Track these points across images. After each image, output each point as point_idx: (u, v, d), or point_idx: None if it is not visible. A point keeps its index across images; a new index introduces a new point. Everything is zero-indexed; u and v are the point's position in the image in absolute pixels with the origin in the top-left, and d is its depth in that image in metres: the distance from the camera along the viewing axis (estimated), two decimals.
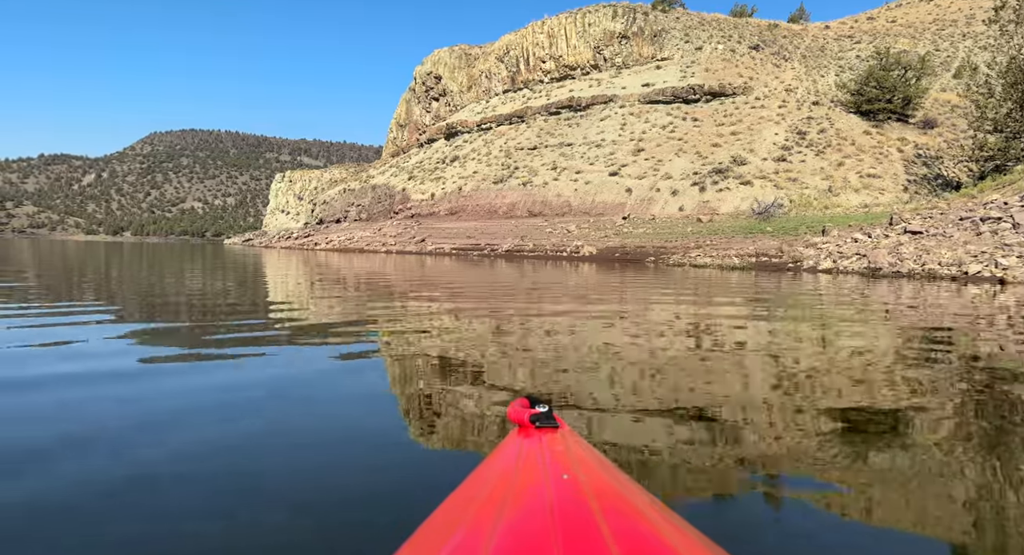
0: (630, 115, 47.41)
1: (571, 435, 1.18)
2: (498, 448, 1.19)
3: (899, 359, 4.21)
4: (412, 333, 5.09)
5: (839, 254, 17.87)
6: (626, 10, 56.32)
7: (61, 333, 4.73)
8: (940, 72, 46.62)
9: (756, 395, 3.11)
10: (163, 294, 8.48)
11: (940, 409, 2.86)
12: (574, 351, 4.31)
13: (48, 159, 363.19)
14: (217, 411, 2.67)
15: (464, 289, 10.34)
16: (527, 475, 0.94)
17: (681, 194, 36.18)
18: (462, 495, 1.01)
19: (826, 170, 34.64)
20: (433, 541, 0.84)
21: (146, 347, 4.24)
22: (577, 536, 0.69)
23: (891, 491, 1.89)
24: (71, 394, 2.89)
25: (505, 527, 0.76)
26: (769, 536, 1.61)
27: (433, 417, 2.63)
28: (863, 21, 61.16)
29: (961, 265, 13.45)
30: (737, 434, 2.42)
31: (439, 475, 1.93)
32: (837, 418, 2.65)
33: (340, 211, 64.61)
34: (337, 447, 2.22)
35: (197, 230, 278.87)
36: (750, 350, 4.49)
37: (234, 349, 4.22)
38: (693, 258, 22.27)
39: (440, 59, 73.00)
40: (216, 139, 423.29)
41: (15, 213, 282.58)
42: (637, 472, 1.99)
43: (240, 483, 1.87)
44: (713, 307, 7.78)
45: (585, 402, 2.87)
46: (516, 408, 1.27)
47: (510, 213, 43.02)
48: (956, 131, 36.16)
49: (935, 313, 7.12)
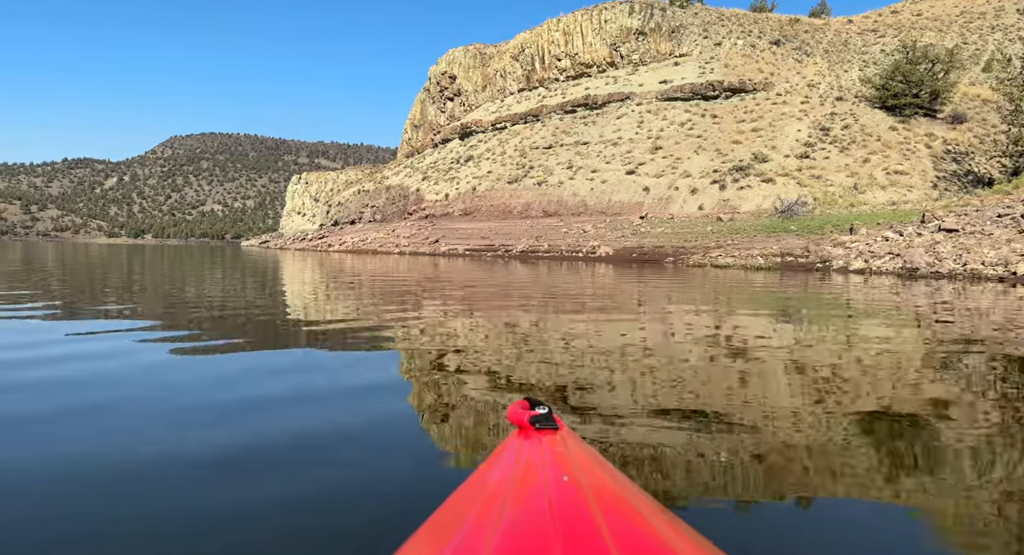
0: (647, 112, 46.50)
1: (571, 436, 1.17)
2: (498, 449, 1.18)
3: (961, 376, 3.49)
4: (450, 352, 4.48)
5: (870, 254, 16.98)
6: (643, 6, 55.38)
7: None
8: (969, 66, 45.08)
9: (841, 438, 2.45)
10: (213, 310, 7.95)
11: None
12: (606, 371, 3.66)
13: (71, 163, 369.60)
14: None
15: (473, 297, 9.72)
16: (527, 476, 0.94)
17: (700, 193, 35.24)
18: (462, 496, 1.01)
19: (851, 167, 33.52)
20: (434, 541, 0.85)
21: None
22: (577, 537, 0.70)
23: (920, 508, 1.80)
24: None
25: (505, 528, 0.76)
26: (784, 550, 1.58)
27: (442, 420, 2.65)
28: (887, 15, 59.54)
29: (1008, 265, 12.53)
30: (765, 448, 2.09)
31: (440, 474, 1.97)
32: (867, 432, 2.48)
33: (355, 212, 64.40)
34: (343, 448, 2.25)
35: (217, 232, 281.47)
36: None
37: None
38: (714, 258, 21.44)
39: (455, 59, 72.51)
40: (235, 142, 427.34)
41: (40, 216, 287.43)
42: (647, 479, 1.96)
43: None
44: (772, 321, 7.07)
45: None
46: (516, 410, 1.24)
47: (525, 213, 42.34)
48: (986, 126, 34.88)
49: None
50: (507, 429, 2.24)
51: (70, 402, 2.80)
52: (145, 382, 3.26)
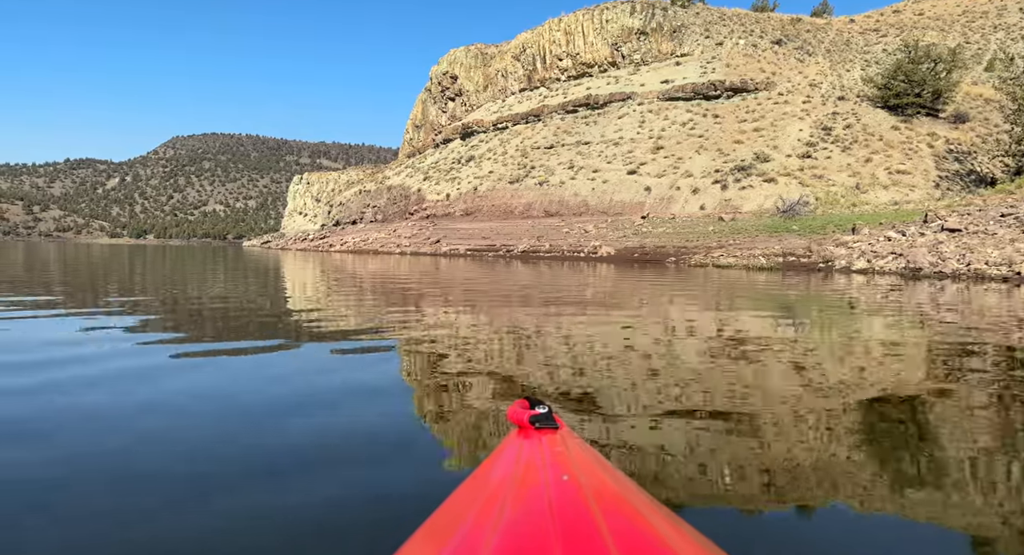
0: (649, 112, 46.43)
1: (571, 436, 1.17)
2: (498, 449, 1.18)
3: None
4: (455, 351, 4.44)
5: (873, 253, 16.92)
6: (644, 6, 55.29)
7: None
8: (971, 65, 44.95)
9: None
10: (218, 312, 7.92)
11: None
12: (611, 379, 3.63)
13: (74, 163, 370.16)
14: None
15: (474, 297, 9.69)
16: (527, 476, 0.94)
17: (702, 192, 35.17)
18: (462, 496, 1.01)
19: (853, 167, 33.43)
20: (434, 541, 0.85)
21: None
22: (577, 536, 0.70)
23: (923, 513, 1.77)
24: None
25: (505, 527, 0.76)
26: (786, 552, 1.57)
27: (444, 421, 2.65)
28: (889, 14, 59.39)
29: (1012, 265, 12.48)
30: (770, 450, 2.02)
31: (440, 474, 1.97)
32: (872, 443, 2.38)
33: (356, 212, 64.38)
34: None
35: (219, 233, 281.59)
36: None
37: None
38: (716, 258, 21.39)
39: (456, 59, 72.45)
40: (237, 143, 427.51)
41: (42, 217, 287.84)
42: (648, 479, 1.95)
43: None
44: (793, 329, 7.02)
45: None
46: (516, 409, 1.23)
47: (526, 213, 42.30)
48: (989, 125, 34.77)
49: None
50: (507, 428, 2.21)
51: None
52: (146, 386, 3.23)
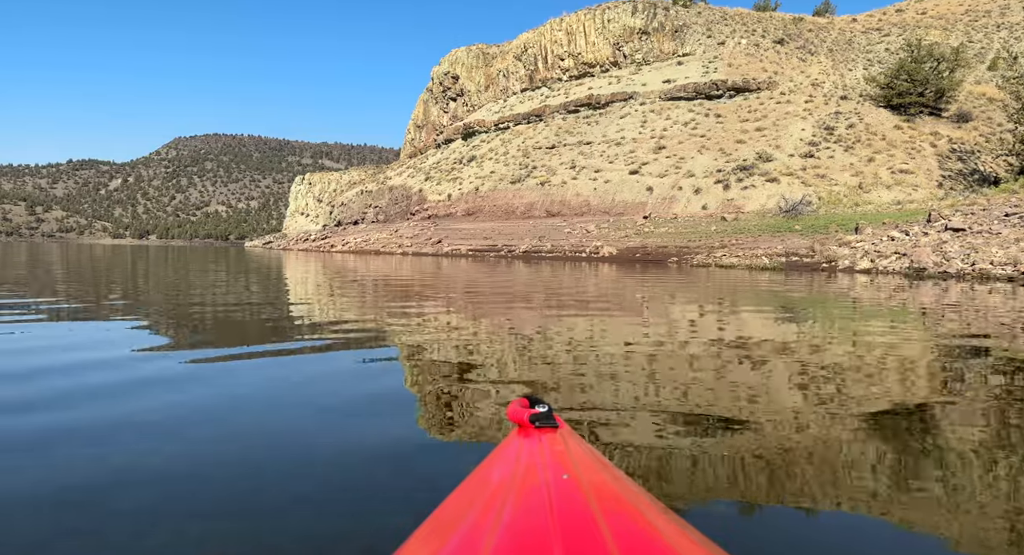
0: (650, 112, 46.35)
1: (571, 435, 1.16)
2: (498, 448, 1.17)
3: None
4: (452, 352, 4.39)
5: (876, 253, 16.84)
6: (646, 6, 55.23)
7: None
8: (974, 64, 44.79)
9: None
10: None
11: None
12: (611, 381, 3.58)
13: (76, 164, 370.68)
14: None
15: (475, 297, 9.64)
16: (527, 475, 0.94)
17: (704, 192, 35.08)
18: (462, 494, 1.01)
19: (856, 166, 33.33)
20: (434, 540, 0.85)
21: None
22: (577, 535, 0.70)
23: (924, 515, 1.74)
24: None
25: (505, 526, 0.76)
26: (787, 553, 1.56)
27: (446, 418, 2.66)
28: (891, 13, 59.22)
29: (1017, 264, 12.40)
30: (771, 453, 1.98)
31: (440, 474, 1.95)
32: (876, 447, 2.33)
33: (358, 213, 64.37)
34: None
35: (221, 233, 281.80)
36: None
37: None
38: (718, 258, 21.32)
39: (457, 59, 72.44)
40: (239, 143, 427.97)
41: (44, 218, 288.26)
42: (648, 478, 1.95)
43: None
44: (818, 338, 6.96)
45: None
46: (516, 408, 1.23)
47: (528, 213, 42.24)
48: (992, 125, 34.65)
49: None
50: (508, 427, 2.21)
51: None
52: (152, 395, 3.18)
